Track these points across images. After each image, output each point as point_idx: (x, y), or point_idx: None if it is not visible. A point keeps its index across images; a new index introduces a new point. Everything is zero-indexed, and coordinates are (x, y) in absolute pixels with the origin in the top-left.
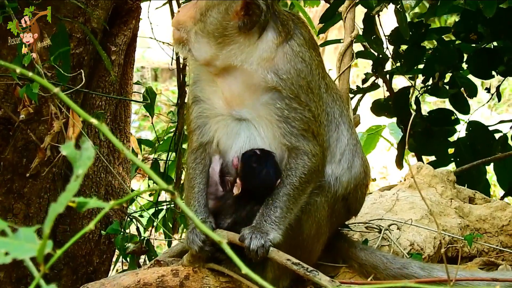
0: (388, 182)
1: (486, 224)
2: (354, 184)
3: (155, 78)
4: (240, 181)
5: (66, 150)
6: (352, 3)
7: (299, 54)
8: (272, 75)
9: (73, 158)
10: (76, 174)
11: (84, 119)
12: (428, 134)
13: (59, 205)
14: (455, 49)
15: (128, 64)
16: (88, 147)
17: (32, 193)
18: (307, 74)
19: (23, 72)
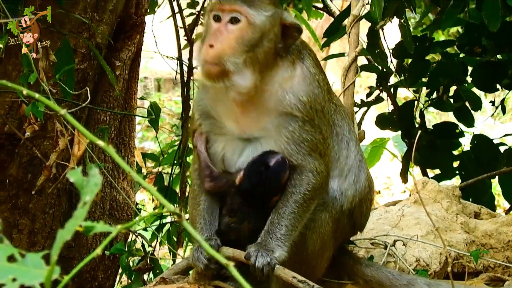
0: (392, 192)
1: (492, 240)
2: (359, 198)
3: (158, 88)
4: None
5: (73, 177)
6: (356, 18)
7: (315, 77)
8: (291, 96)
9: (80, 184)
10: (84, 200)
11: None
12: (433, 147)
13: (66, 231)
14: (459, 62)
15: (133, 78)
16: (95, 174)
17: (37, 209)
18: (322, 100)
19: (29, 94)
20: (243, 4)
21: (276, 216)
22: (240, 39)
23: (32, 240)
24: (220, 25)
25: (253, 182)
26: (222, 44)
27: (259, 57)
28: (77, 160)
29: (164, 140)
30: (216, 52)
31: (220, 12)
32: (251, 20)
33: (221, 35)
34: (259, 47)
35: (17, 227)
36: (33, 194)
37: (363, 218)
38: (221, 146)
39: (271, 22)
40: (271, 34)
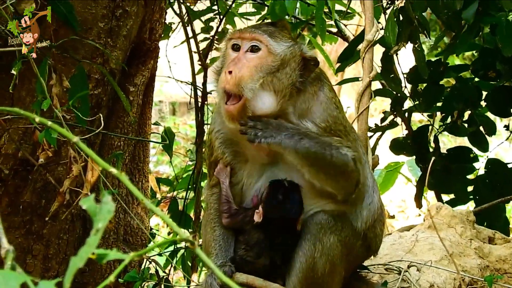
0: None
1: (506, 265)
2: (372, 220)
3: (173, 112)
4: (262, 208)
5: (85, 204)
6: (370, 43)
7: (332, 100)
8: (310, 124)
9: (93, 212)
10: (96, 228)
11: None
12: (447, 172)
13: (79, 259)
14: (473, 87)
15: (147, 104)
16: (108, 201)
17: (51, 234)
18: (341, 119)
19: (42, 121)
20: (264, 34)
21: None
22: (259, 66)
23: (46, 265)
24: (239, 53)
25: (277, 213)
26: (240, 70)
27: (278, 85)
28: (90, 186)
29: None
30: (235, 79)
31: (239, 41)
32: (271, 49)
33: (240, 63)
34: (277, 77)
35: (31, 253)
36: (47, 220)
37: (377, 239)
38: (244, 173)
39: (292, 53)
40: (291, 64)
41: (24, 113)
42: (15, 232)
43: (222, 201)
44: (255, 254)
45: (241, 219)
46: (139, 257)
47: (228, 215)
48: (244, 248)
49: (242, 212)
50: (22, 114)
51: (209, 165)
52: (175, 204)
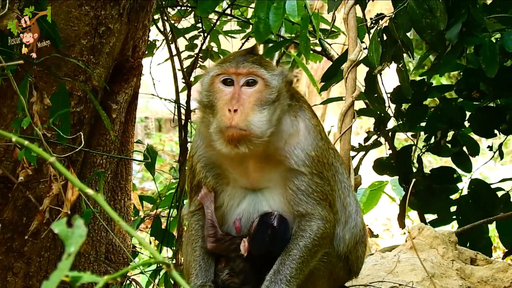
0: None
1: (487, 286)
2: (354, 242)
3: (159, 128)
4: (248, 243)
5: (57, 228)
6: (353, 63)
7: (317, 128)
8: (299, 152)
9: (65, 236)
10: (68, 252)
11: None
12: (430, 192)
13: (51, 283)
14: (457, 107)
15: (129, 121)
16: (79, 225)
17: (33, 252)
18: (326, 151)
19: (19, 141)
20: (259, 67)
21: (287, 257)
22: (258, 101)
23: (27, 283)
24: (235, 89)
25: (264, 247)
26: (245, 108)
27: (276, 114)
28: (70, 205)
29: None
30: (243, 116)
31: (232, 76)
32: (268, 81)
33: (241, 99)
34: (275, 106)
35: (12, 270)
36: (28, 238)
37: (359, 262)
38: (225, 197)
39: (282, 81)
40: (284, 92)
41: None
42: None
43: (208, 225)
44: (240, 282)
45: (226, 246)
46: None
47: (214, 240)
48: (228, 274)
49: (228, 240)
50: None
51: (191, 188)
52: (158, 222)
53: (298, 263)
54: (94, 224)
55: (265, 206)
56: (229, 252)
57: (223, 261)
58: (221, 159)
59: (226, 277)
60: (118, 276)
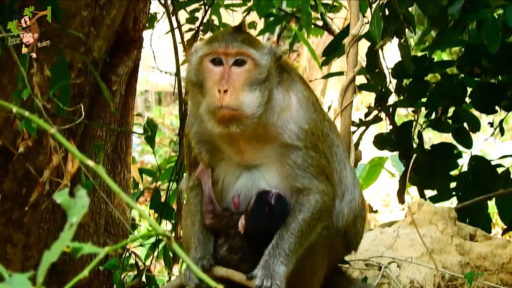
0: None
1: (486, 262)
2: (353, 216)
3: (159, 101)
4: (246, 221)
5: (59, 198)
6: (355, 37)
7: (309, 100)
8: (293, 126)
9: (67, 206)
10: (70, 222)
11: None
12: (430, 168)
13: (52, 254)
14: (458, 83)
15: (130, 94)
16: (82, 196)
17: (32, 223)
18: (320, 123)
19: (19, 112)
20: (248, 46)
21: (285, 231)
22: (249, 80)
23: (27, 254)
24: (225, 68)
25: (261, 225)
26: (236, 88)
27: (266, 93)
28: (70, 176)
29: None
30: (233, 97)
31: (221, 56)
32: (257, 61)
33: (231, 79)
34: (265, 85)
35: (11, 241)
36: (27, 209)
37: (358, 236)
38: (220, 172)
39: (271, 60)
40: (273, 70)
41: (2, 103)
42: None
43: (206, 201)
44: (239, 259)
45: (225, 222)
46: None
47: (213, 216)
48: (227, 250)
49: (227, 216)
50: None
51: (189, 163)
52: (157, 195)
53: (297, 237)
54: (94, 196)
55: (262, 183)
56: (228, 228)
57: (222, 237)
58: (213, 137)
59: (225, 253)
60: (118, 248)
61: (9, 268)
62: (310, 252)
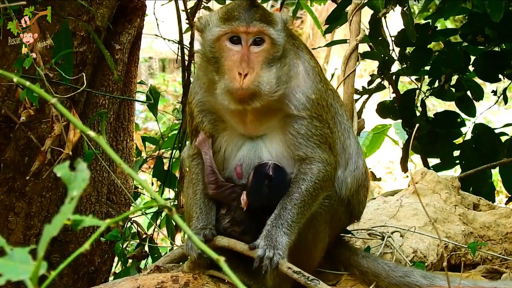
0: (395, 177)
1: (490, 231)
2: (357, 185)
3: (162, 68)
4: (247, 197)
5: (60, 172)
6: (358, 6)
7: (315, 70)
8: (300, 96)
9: (67, 179)
10: (71, 196)
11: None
12: (433, 137)
13: (53, 227)
14: (461, 51)
15: (132, 62)
16: (82, 169)
17: (34, 192)
18: (325, 93)
19: (20, 81)
20: (266, 25)
21: (288, 201)
22: (267, 59)
23: (29, 223)
24: (244, 49)
25: (263, 198)
26: (256, 71)
27: (284, 68)
28: (72, 145)
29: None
30: (253, 78)
31: (242, 35)
32: (275, 40)
33: (251, 61)
34: (282, 62)
35: (13, 210)
36: (29, 178)
37: (361, 206)
38: (222, 142)
39: (286, 35)
40: (287, 45)
41: (2, 73)
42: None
43: (208, 172)
44: (241, 231)
45: (227, 194)
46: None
47: (215, 187)
48: (229, 222)
49: (229, 188)
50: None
51: (190, 131)
52: (160, 163)
53: (299, 207)
54: (96, 165)
55: (265, 152)
56: (230, 200)
57: (225, 207)
58: (218, 106)
59: (227, 225)
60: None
61: (11, 237)
62: (312, 222)
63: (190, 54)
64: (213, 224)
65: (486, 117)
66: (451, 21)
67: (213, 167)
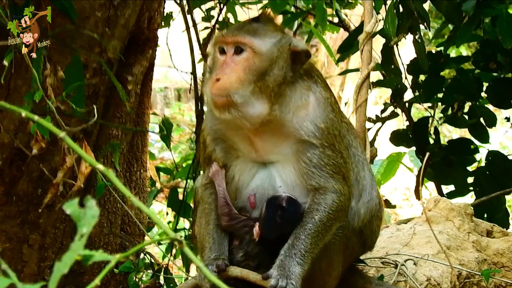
0: (411, 203)
1: (503, 258)
2: (370, 216)
3: (178, 98)
4: (259, 228)
5: (69, 209)
6: (369, 34)
7: (328, 101)
8: (308, 124)
9: (77, 217)
10: (80, 233)
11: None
12: (447, 164)
13: (63, 265)
14: (474, 78)
15: (145, 93)
16: (92, 206)
17: (47, 224)
18: (337, 123)
19: (28, 116)
20: (246, 35)
21: (301, 231)
22: (246, 69)
23: (43, 255)
24: (226, 57)
25: (276, 230)
26: (228, 76)
27: (270, 85)
28: (84, 178)
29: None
30: (222, 85)
31: (224, 45)
32: (256, 49)
33: (228, 67)
34: (268, 75)
35: (27, 242)
36: (43, 209)
37: (374, 236)
38: (235, 170)
39: (279, 49)
40: (280, 61)
41: (10, 107)
42: (11, 221)
43: (221, 203)
44: (256, 265)
45: (241, 226)
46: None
47: (229, 219)
48: (243, 256)
49: (242, 220)
50: (8, 108)
51: (203, 160)
52: (175, 193)
53: (313, 237)
54: (110, 196)
55: (278, 181)
56: (243, 233)
57: (238, 238)
58: (228, 132)
59: (241, 259)
60: (130, 254)
61: (26, 269)
62: (325, 252)
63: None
64: (226, 255)
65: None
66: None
67: (227, 199)
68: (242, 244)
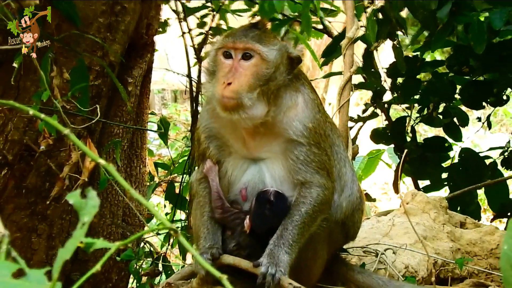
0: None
1: (476, 248)
2: (351, 209)
3: (175, 99)
4: (250, 221)
5: (72, 199)
6: (351, 40)
7: (315, 102)
8: (298, 124)
9: (79, 206)
10: (82, 222)
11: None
12: (423, 160)
13: (66, 251)
14: (448, 81)
15: (144, 94)
16: (93, 197)
17: (55, 215)
18: (323, 123)
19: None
20: (255, 42)
21: (289, 222)
22: (255, 74)
23: (50, 244)
24: (234, 62)
25: (265, 223)
26: (239, 81)
27: (272, 89)
28: (89, 172)
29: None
30: (234, 88)
31: (231, 50)
32: (264, 56)
33: (237, 72)
34: (272, 80)
35: (36, 232)
36: (50, 202)
37: (355, 227)
38: (228, 166)
39: (281, 56)
40: (281, 66)
41: (19, 106)
42: (20, 212)
43: (215, 197)
44: (247, 255)
45: (233, 219)
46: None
47: (222, 211)
48: (235, 246)
49: (234, 213)
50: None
51: (198, 156)
52: (172, 187)
53: (299, 228)
54: (112, 189)
55: (268, 176)
56: (234, 225)
57: (231, 230)
58: (222, 130)
59: (233, 248)
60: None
61: (35, 257)
62: (311, 242)
63: (198, 86)
64: (220, 244)
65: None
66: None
67: (220, 193)
68: (234, 234)
